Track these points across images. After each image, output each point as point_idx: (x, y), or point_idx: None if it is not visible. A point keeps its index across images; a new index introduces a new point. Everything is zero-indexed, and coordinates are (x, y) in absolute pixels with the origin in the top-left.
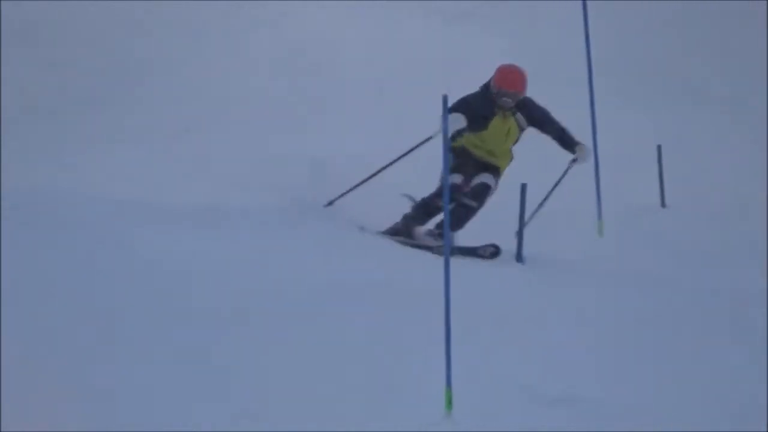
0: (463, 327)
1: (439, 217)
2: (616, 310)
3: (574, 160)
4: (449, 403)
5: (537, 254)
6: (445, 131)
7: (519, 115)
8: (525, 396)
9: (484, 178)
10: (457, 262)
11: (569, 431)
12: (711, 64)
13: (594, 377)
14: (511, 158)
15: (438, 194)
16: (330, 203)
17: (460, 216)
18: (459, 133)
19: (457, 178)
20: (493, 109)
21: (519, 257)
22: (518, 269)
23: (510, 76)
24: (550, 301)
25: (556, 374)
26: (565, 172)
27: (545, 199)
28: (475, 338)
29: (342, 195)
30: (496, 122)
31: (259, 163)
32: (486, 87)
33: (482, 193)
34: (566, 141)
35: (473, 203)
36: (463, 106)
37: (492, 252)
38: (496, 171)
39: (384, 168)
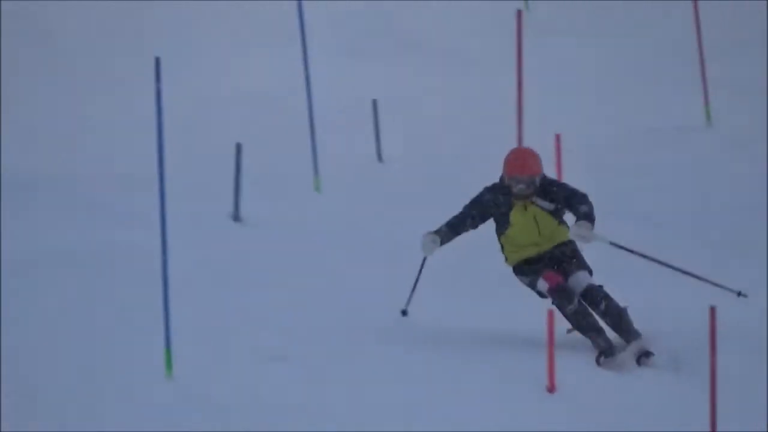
0: (183, 289)
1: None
2: (324, 270)
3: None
4: (169, 365)
5: (255, 213)
6: None
7: (538, 201)
8: (246, 353)
9: (585, 279)
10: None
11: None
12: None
13: (305, 335)
14: (566, 227)
15: (562, 300)
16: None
17: (615, 321)
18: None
19: (543, 285)
20: (510, 202)
21: (236, 216)
22: (236, 228)
23: (519, 159)
24: (268, 260)
25: (274, 332)
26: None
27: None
28: (196, 300)
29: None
30: (515, 215)
31: None
32: (500, 182)
33: (598, 292)
34: (571, 209)
35: (604, 306)
36: (468, 220)
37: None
38: (573, 250)
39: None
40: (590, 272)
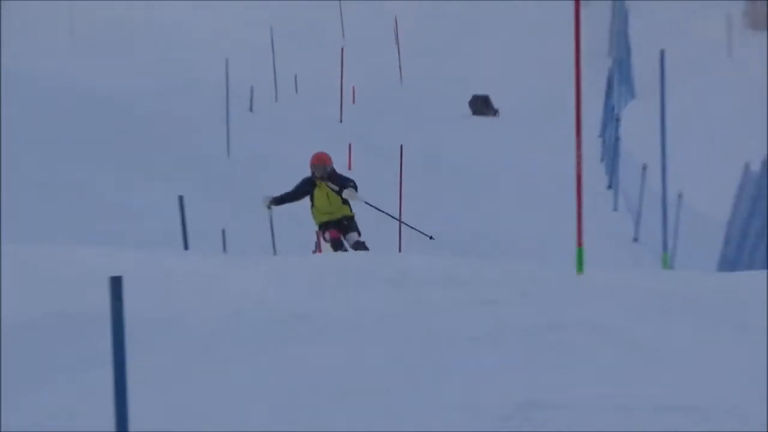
0: None
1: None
2: None
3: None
4: None
5: None
6: None
7: (329, 183)
8: None
9: (354, 237)
10: None
11: None
12: None
13: None
14: (350, 206)
15: (336, 246)
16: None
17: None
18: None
19: (328, 236)
20: (314, 183)
21: None
22: None
23: (316, 155)
24: None
25: None
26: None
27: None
28: None
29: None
30: (317, 193)
31: None
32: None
33: (362, 246)
34: (345, 187)
35: (365, 249)
36: (291, 193)
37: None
38: (352, 221)
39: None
40: (359, 233)
